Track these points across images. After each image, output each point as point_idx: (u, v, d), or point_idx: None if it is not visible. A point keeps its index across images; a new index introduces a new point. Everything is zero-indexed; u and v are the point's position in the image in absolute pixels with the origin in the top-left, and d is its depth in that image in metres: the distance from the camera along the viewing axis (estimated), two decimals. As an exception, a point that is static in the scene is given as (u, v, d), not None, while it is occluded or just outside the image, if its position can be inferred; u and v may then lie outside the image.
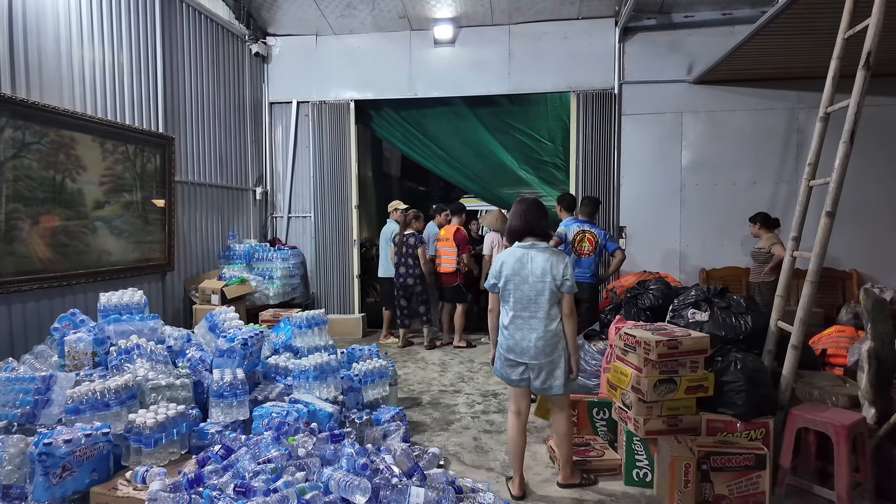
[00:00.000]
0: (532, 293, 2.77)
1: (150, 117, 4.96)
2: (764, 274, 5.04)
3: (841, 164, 2.89)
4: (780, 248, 4.91)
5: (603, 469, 3.07)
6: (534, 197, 3.11)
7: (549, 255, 2.80)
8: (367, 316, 6.94)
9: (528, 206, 2.91)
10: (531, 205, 2.92)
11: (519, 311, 2.80)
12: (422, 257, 5.98)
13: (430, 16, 6.34)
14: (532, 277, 2.77)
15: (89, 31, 4.33)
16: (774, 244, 5.00)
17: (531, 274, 2.78)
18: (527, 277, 2.78)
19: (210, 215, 5.93)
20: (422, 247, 5.99)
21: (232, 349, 3.21)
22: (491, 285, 2.91)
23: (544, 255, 2.80)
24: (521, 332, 2.79)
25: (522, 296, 2.79)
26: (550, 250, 2.83)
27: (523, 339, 2.79)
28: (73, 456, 2.44)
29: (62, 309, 3.77)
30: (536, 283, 2.76)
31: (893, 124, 5.60)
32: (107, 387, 2.74)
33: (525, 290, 2.78)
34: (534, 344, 2.77)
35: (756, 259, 5.18)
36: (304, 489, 2.20)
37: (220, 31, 6.08)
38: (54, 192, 3.96)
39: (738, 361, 2.91)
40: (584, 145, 6.32)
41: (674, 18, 6.06)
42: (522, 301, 2.79)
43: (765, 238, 5.13)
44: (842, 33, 3.09)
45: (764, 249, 5.07)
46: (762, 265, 5.08)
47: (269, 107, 6.95)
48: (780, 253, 4.88)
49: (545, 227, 2.91)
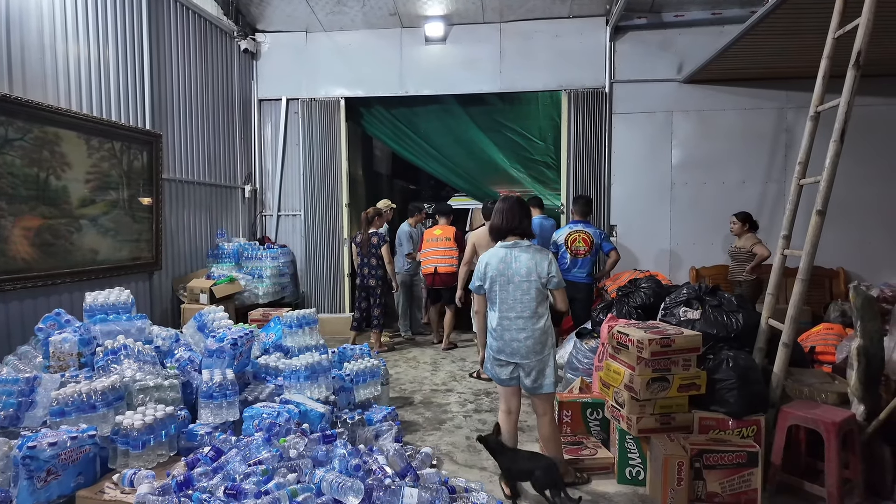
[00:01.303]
0: (518, 293, 2.76)
1: (136, 114, 4.88)
2: (745, 273, 5.10)
3: (831, 163, 2.91)
4: (762, 248, 5.01)
5: (596, 468, 3.07)
6: (516, 195, 3.08)
7: (533, 254, 2.78)
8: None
9: (511, 206, 2.87)
10: (513, 204, 2.88)
11: (505, 312, 2.78)
12: (386, 256, 5.65)
13: (422, 13, 6.31)
14: (517, 277, 2.75)
15: (74, 26, 4.25)
16: (756, 244, 5.07)
17: (516, 273, 2.76)
18: (512, 277, 2.76)
19: (198, 213, 5.86)
20: (385, 246, 5.67)
21: (221, 349, 3.17)
22: (476, 287, 2.89)
23: (528, 253, 2.78)
24: (510, 333, 2.77)
25: (508, 296, 2.77)
26: (534, 248, 2.82)
27: (513, 339, 2.77)
28: (58, 459, 2.39)
29: (47, 309, 3.70)
30: (522, 283, 2.75)
31: (881, 124, 5.68)
32: (93, 388, 2.69)
33: (511, 290, 2.76)
34: (524, 343, 2.75)
35: (736, 258, 5.23)
36: (296, 491, 2.17)
37: (209, 26, 6.00)
38: (38, 189, 3.88)
39: (729, 359, 2.92)
40: (576, 144, 6.33)
41: (664, 18, 6.08)
42: (508, 301, 2.77)
43: (745, 238, 5.19)
44: (832, 33, 3.11)
45: (745, 249, 5.13)
46: (743, 264, 5.14)
47: (258, 104, 6.88)
48: (763, 252, 4.96)
49: (527, 227, 2.88)
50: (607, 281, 5.68)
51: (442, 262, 5.94)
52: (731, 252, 5.32)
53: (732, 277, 5.29)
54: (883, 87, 5.34)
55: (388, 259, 5.71)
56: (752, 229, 5.24)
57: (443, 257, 5.95)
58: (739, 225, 5.26)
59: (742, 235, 5.25)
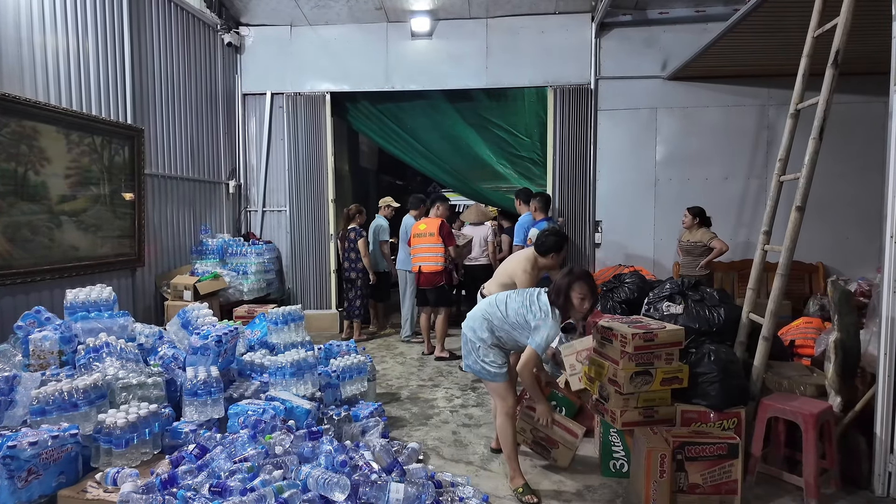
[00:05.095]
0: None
1: (117, 108, 4.79)
2: (699, 267, 5.16)
3: (810, 159, 2.97)
4: (720, 243, 5.05)
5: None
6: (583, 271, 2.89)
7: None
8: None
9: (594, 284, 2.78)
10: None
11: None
12: (362, 249, 5.93)
13: (408, 8, 6.27)
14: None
15: (52, 17, 4.15)
16: (713, 238, 5.11)
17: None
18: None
19: (182, 209, 5.79)
20: (362, 240, 5.94)
21: (206, 346, 3.14)
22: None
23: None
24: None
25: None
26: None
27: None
28: (38, 458, 2.36)
29: (26, 306, 3.62)
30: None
31: (859, 122, 5.78)
32: (74, 386, 2.65)
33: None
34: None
35: (691, 253, 5.25)
36: (282, 487, 2.17)
37: (191, 19, 5.91)
38: (16, 184, 3.80)
39: (711, 353, 2.97)
40: (561, 140, 6.36)
41: (649, 14, 6.12)
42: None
43: (701, 232, 5.22)
44: (811, 31, 3.16)
45: (701, 243, 5.16)
46: (697, 258, 5.18)
47: (242, 98, 6.80)
48: (721, 247, 5.02)
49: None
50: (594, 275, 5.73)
51: (427, 261, 5.53)
52: (686, 246, 5.30)
53: (685, 271, 5.29)
54: (861, 85, 5.43)
55: (365, 252, 5.97)
56: (703, 224, 5.29)
57: (427, 255, 5.55)
58: (691, 219, 5.28)
59: (693, 229, 5.28)
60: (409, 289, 6.02)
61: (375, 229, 6.38)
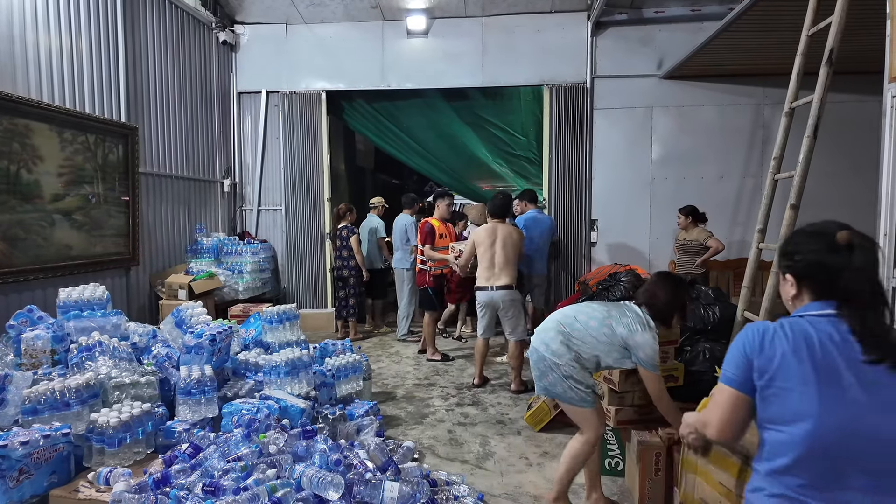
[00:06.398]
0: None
1: (111, 106, 4.77)
2: (696, 266, 5.19)
3: (805, 158, 2.97)
4: (716, 242, 5.09)
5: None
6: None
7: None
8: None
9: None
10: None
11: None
12: (355, 247, 5.93)
13: (403, 6, 6.26)
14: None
15: (45, 14, 4.12)
16: (709, 237, 5.14)
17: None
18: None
19: (176, 208, 5.76)
20: (354, 237, 5.95)
21: (200, 345, 3.13)
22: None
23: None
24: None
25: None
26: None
27: None
28: (30, 458, 2.34)
29: (19, 306, 3.60)
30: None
31: (852, 120, 5.78)
32: (67, 385, 2.63)
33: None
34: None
35: (687, 252, 5.29)
36: (276, 487, 2.16)
37: (186, 17, 5.88)
38: (9, 183, 3.78)
39: (706, 351, 2.97)
40: (557, 139, 6.36)
41: (645, 13, 6.13)
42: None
43: (696, 231, 5.26)
44: (806, 30, 3.16)
45: (697, 242, 5.20)
46: (694, 257, 5.21)
47: (237, 97, 6.77)
48: (717, 246, 5.05)
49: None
50: (590, 274, 5.74)
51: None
52: (682, 245, 5.36)
53: (681, 270, 5.33)
54: (855, 84, 5.44)
55: (357, 249, 5.97)
56: (697, 222, 5.32)
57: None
58: (684, 219, 5.34)
59: (689, 228, 5.32)
60: (406, 287, 6.01)
61: (371, 228, 6.40)
